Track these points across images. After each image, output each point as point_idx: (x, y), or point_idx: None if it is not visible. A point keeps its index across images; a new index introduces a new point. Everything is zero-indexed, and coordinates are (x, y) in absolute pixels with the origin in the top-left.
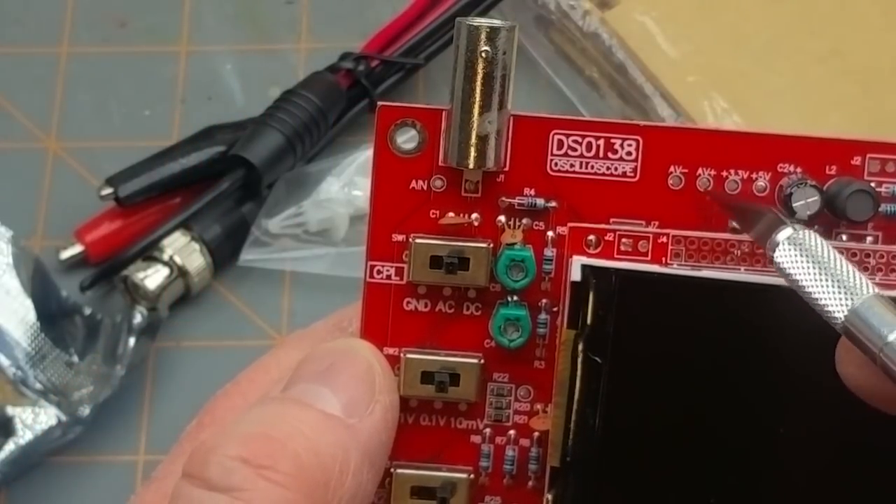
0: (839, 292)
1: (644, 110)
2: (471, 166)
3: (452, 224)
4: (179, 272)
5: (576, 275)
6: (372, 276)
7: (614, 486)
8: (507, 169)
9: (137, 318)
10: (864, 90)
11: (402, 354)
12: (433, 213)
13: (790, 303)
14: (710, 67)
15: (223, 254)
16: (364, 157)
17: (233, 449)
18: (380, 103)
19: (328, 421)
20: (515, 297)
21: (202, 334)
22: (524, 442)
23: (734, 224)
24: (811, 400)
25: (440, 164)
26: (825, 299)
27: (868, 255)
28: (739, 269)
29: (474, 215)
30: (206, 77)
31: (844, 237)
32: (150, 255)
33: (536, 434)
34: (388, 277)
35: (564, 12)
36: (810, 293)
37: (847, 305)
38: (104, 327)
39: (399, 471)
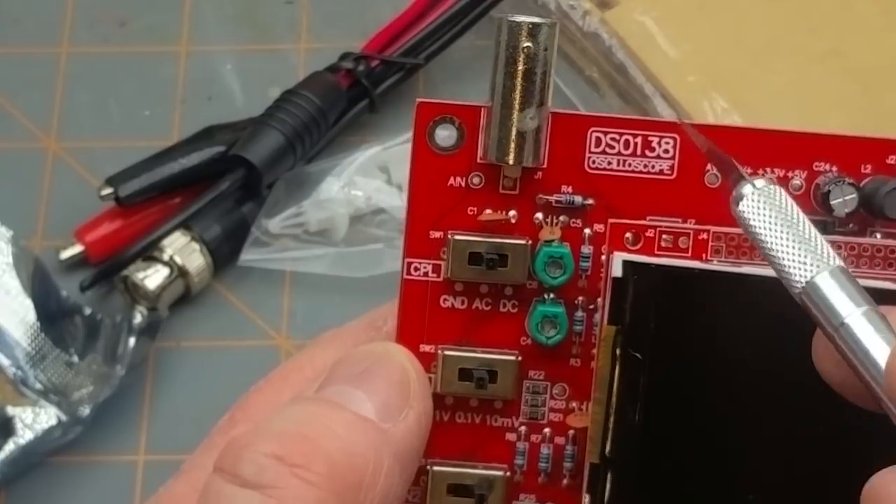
0: (802, 257)
1: (644, 110)
2: (511, 162)
3: (491, 220)
4: (179, 272)
5: (617, 271)
6: (409, 274)
7: (654, 482)
8: (545, 166)
9: (137, 318)
10: (864, 90)
11: (439, 351)
12: (471, 210)
13: None
14: (710, 67)
15: (223, 254)
16: (364, 156)
17: (267, 446)
18: (419, 100)
19: (362, 423)
20: (552, 295)
21: (202, 334)
22: (559, 440)
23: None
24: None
25: (478, 160)
26: (787, 261)
27: None
28: None
29: (512, 212)
30: (206, 77)
31: (879, 235)
32: (150, 255)
33: (572, 432)
34: (426, 275)
35: (564, 12)
36: (771, 252)
37: (810, 272)
38: (104, 327)
39: (436, 468)
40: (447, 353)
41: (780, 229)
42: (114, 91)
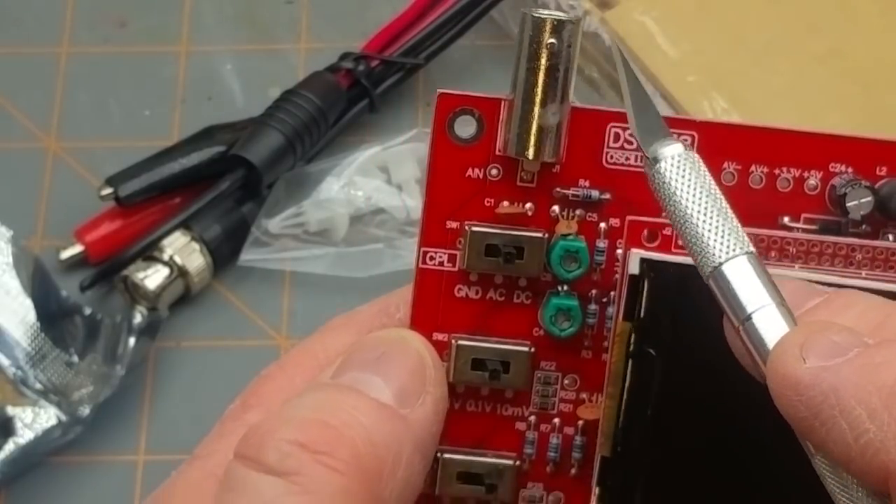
0: (716, 237)
1: None
2: (530, 157)
3: (508, 213)
4: (179, 272)
5: (634, 268)
6: (424, 262)
7: (665, 478)
8: (563, 160)
9: (137, 318)
10: (864, 90)
11: (452, 341)
12: (488, 202)
13: None
14: (710, 67)
15: (223, 254)
16: (364, 156)
17: (290, 433)
18: (439, 91)
19: (383, 411)
20: (566, 287)
21: (202, 334)
22: (568, 430)
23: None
24: None
25: (497, 153)
26: (699, 238)
27: None
28: (794, 267)
29: (528, 205)
30: (206, 77)
31: (892, 237)
32: (150, 255)
33: (581, 422)
34: (441, 264)
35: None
36: (689, 221)
37: (721, 256)
38: (104, 327)
39: (446, 456)
40: (461, 342)
41: (704, 200)
42: (114, 91)
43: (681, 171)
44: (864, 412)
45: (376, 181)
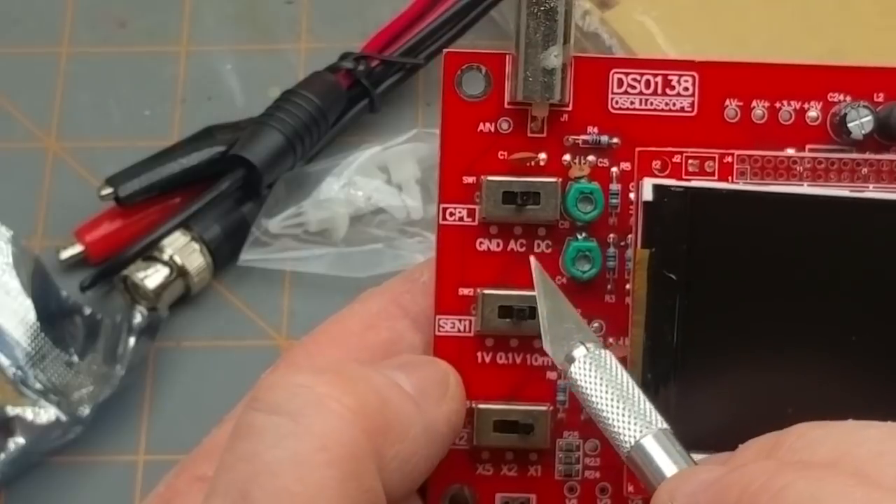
0: (629, 419)
1: None
2: (538, 99)
3: (522, 158)
4: (179, 272)
5: (647, 195)
6: (444, 219)
7: (695, 401)
8: (570, 109)
9: (137, 318)
10: None
11: (478, 291)
12: (501, 155)
13: (857, 215)
14: None
15: (223, 254)
16: (364, 156)
17: (300, 378)
18: (446, 50)
19: (400, 390)
20: (584, 233)
21: (202, 334)
22: None
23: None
24: (881, 307)
25: (506, 105)
26: (616, 424)
27: None
28: (803, 185)
29: (541, 155)
30: (206, 77)
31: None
32: (150, 255)
33: None
34: (461, 219)
35: None
36: (601, 414)
37: (636, 436)
38: (104, 327)
39: (482, 406)
40: (487, 291)
41: (607, 393)
42: (114, 91)
43: (587, 370)
44: None
45: (376, 181)
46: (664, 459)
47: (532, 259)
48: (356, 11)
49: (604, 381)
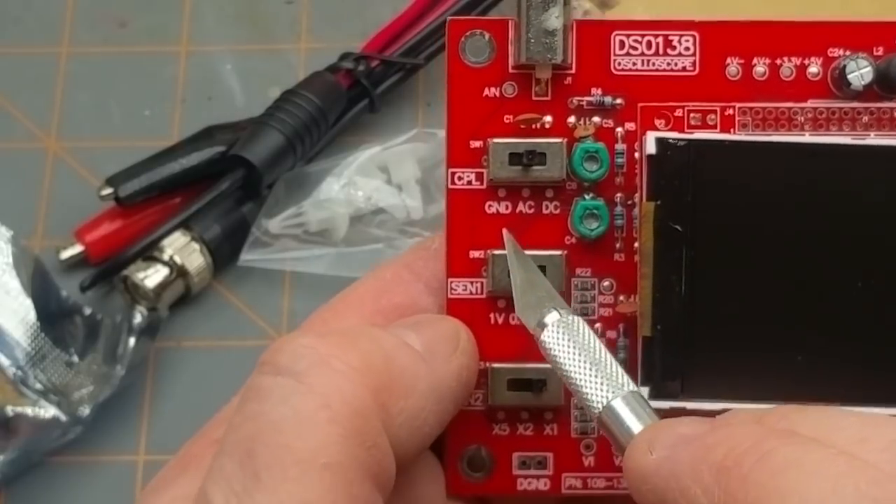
0: (600, 383)
1: None
2: (540, 61)
3: (527, 119)
4: (179, 272)
5: (651, 148)
6: (453, 183)
7: (703, 351)
8: (573, 71)
9: (137, 318)
10: None
11: (488, 252)
12: (507, 119)
13: (860, 162)
14: None
15: (223, 254)
16: (364, 156)
17: (306, 340)
18: (449, 18)
19: (406, 347)
20: (592, 193)
21: (202, 334)
22: (611, 334)
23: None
24: (886, 253)
25: (510, 70)
26: (586, 387)
27: None
28: (804, 134)
29: (547, 117)
30: (206, 77)
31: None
32: (150, 255)
33: (622, 325)
34: (469, 183)
35: None
36: (572, 379)
37: (606, 398)
38: (104, 327)
39: (495, 366)
40: (497, 252)
41: (578, 357)
42: (114, 91)
43: (558, 335)
44: (700, 489)
45: (376, 181)
46: (633, 421)
47: (504, 231)
48: (356, 11)
49: (575, 346)
